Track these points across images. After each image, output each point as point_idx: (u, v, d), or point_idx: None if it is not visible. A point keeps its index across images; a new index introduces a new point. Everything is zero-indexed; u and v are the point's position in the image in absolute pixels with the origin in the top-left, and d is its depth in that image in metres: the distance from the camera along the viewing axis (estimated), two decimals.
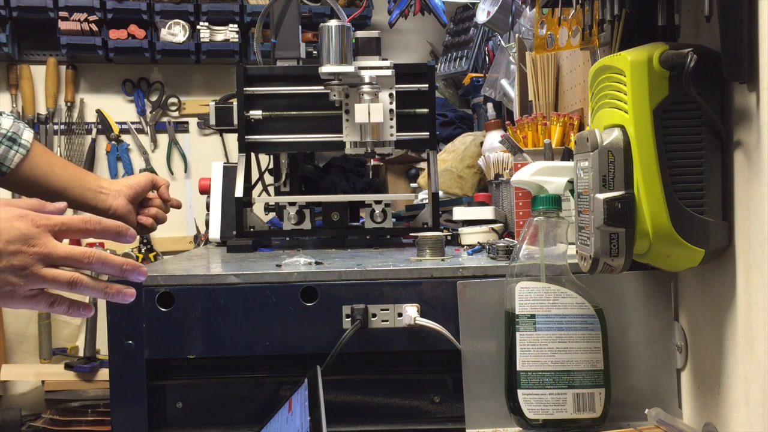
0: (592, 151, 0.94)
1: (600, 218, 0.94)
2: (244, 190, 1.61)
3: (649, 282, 1.14)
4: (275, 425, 1.07)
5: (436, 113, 1.69)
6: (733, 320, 0.95)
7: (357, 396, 1.17)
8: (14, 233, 0.87)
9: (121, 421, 1.14)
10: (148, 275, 1.15)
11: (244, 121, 1.64)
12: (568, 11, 1.32)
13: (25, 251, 0.87)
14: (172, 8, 3.33)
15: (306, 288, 1.15)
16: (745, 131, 0.90)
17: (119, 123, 3.53)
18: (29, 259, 0.87)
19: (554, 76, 1.87)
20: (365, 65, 1.56)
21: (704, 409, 1.06)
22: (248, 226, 1.62)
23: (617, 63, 0.95)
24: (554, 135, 1.59)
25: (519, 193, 1.39)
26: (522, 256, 1.08)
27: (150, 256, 3.43)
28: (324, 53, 1.50)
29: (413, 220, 1.66)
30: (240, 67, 1.65)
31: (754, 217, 0.89)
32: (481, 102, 2.47)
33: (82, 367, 3.13)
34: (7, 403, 3.31)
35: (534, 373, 1.06)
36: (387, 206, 1.63)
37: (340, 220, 1.63)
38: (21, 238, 0.87)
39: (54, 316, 3.35)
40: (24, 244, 0.87)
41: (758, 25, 0.84)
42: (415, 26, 3.14)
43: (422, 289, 1.15)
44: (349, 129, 1.60)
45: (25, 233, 0.87)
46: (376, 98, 1.55)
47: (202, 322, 1.14)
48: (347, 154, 1.64)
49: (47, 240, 0.88)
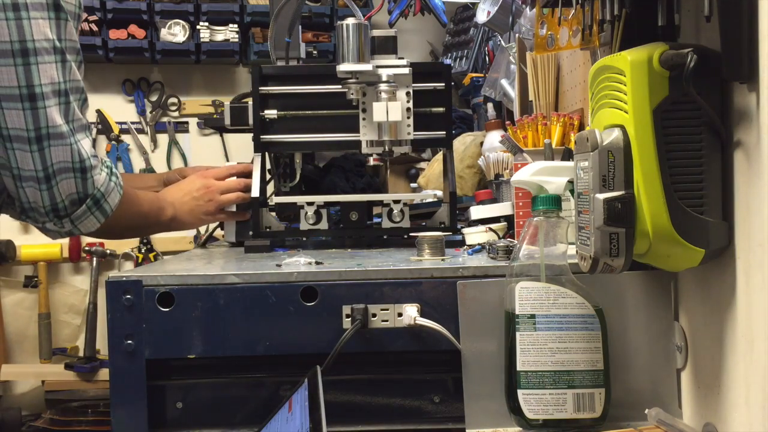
0: (592, 151, 0.94)
1: (600, 218, 0.94)
2: (260, 190, 1.62)
3: (649, 282, 1.14)
4: (275, 425, 1.07)
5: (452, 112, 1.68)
6: (733, 320, 0.95)
7: (357, 396, 1.18)
8: (198, 184, 1.66)
9: (121, 421, 1.14)
10: (148, 275, 1.16)
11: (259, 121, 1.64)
12: (568, 11, 1.32)
13: (206, 189, 1.65)
14: (172, 8, 3.33)
15: (306, 288, 1.15)
16: (745, 131, 0.90)
17: (119, 123, 3.53)
18: (210, 193, 1.65)
19: (554, 76, 1.87)
20: (382, 64, 1.55)
21: (704, 409, 1.06)
22: (264, 226, 1.62)
23: (617, 63, 0.95)
24: (554, 135, 1.60)
25: (519, 193, 1.39)
26: (522, 256, 1.08)
27: (150, 256, 3.44)
28: (341, 52, 1.50)
29: (430, 220, 1.66)
30: (255, 67, 1.65)
31: (754, 217, 0.89)
32: (481, 102, 2.48)
33: (82, 367, 3.13)
34: (7, 403, 3.31)
35: (534, 373, 1.06)
36: (405, 206, 1.62)
37: (358, 220, 1.63)
38: (204, 185, 1.65)
39: (54, 316, 3.35)
40: (204, 187, 1.65)
41: (758, 25, 0.84)
42: (415, 26, 3.13)
43: (422, 289, 1.15)
44: (367, 128, 1.60)
45: (204, 182, 1.66)
46: (393, 97, 1.54)
47: (202, 322, 1.14)
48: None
49: (212, 181, 1.66)
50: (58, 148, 1.26)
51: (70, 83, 1.28)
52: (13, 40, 1.21)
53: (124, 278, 1.15)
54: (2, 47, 1.21)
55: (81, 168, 1.29)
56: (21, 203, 1.31)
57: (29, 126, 1.23)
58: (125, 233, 1.60)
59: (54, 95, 1.25)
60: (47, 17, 1.24)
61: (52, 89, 1.25)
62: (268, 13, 2.52)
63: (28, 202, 1.30)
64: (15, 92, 1.22)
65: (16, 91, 1.22)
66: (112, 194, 1.34)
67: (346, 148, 1.82)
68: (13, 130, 1.24)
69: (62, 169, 1.28)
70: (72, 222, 1.33)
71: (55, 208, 1.30)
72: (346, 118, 1.63)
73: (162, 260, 3.00)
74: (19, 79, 1.22)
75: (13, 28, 1.21)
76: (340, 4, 3.43)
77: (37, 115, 1.23)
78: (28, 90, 1.22)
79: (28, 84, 1.22)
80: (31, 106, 1.23)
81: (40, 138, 1.25)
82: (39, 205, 1.29)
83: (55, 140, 1.25)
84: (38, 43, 1.22)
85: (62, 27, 1.26)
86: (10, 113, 1.23)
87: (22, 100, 1.23)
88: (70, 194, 1.29)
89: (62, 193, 1.29)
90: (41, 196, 1.28)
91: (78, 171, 1.29)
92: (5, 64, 1.21)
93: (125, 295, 1.14)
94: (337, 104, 1.62)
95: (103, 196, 1.33)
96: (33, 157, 1.25)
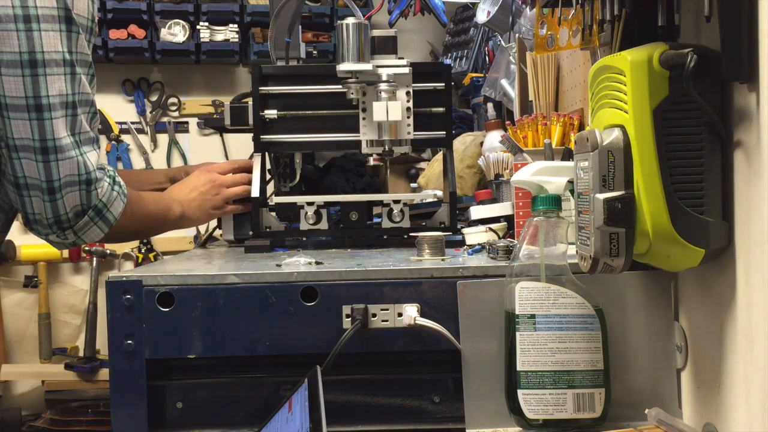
0: (592, 151, 0.94)
1: (600, 218, 0.94)
2: (260, 190, 1.61)
3: (649, 282, 1.14)
4: (275, 425, 1.07)
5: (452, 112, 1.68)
6: (733, 320, 0.95)
7: (357, 396, 1.17)
8: (204, 179, 1.67)
9: (121, 421, 1.14)
10: (148, 275, 1.16)
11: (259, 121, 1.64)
12: (568, 11, 1.32)
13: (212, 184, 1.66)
14: (172, 8, 3.33)
15: (306, 288, 1.15)
16: (745, 131, 0.90)
17: (119, 123, 3.53)
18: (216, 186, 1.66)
19: (554, 76, 1.87)
20: (382, 63, 1.55)
21: (704, 409, 1.06)
22: (264, 226, 1.62)
23: (617, 63, 0.95)
24: (554, 135, 1.60)
25: (519, 193, 1.39)
26: (522, 256, 1.08)
27: (150, 256, 3.44)
28: (341, 52, 1.50)
29: (430, 220, 1.66)
30: (255, 67, 1.65)
31: (754, 217, 0.89)
32: (481, 102, 2.48)
33: (82, 367, 3.13)
34: (7, 403, 3.31)
35: (534, 373, 1.06)
36: (405, 206, 1.62)
37: (358, 220, 1.63)
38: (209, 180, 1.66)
39: (54, 316, 3.35)
40: (210, 182, 1.66)
41: (758, 25, 0.84)
42: (415, 26, 3.13)
43: (422, 289, 1.15)
44: (367, 128, 1.60)
45: (209, 177, 1.67)
46: (393, 96, 1.54)
47: (202, 322, 1.14)
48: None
49: (217, 175, 1.68)
50: (65, 162, 1.26)
51: (79, 96, 1.28)
52: (23, 51, 1.21)
53: (124, 278, 1.15)
54: (11, 57, 1.21)
55: (86, 180, 1.29)
56: (26, 214, 1.31)
57: (35, 136, 1.24)
58: (134, 236, 1.61)
59: (61, 107, 1.25)
60: (58, 29, 1.24)
61: (60, 101, 1.25)
62: (268, 13, 2.52)
63: (33, 213, 1.30)
64: (22, 102, 1.23)
65: (23, 101, 1.22)
66: (114, 203, 1.34)
67: (346, 148, 1.82)
68: (19, 140, 1.24)
69: (69, 182, 1.28)
70: (75, 233, 1.33)
71: (59, 220, 1.30)
72: (346, 118, 1.63)
73: (162, 260, 3.00)
74: (26, 90, 1.22)
75: (23, 39, 1.21)
76: (340, 4, 3.43)
77: (42, 126, 1.24)
78: (35, 101, 1.23)
79: (35, 95, 1.23)
80: (38, 116, 1.23)
81: (46, 150, 1.25)
82: (42, 217, 1.29)
83: (61, 153, 1.26)
84: (47, 54, 1.23)
85: (73, 40, 1.26)
86: (16, 123, 1.23)
87: (29, 111, 1.23)
88: (74, 206, 1.30)
89: (67, 205, 1.29)
90: (45, 207, 1.28)
91: (83, 183, 1.29)
92: (14, 74, 1.21)
93: (125, 295, 1.14)
94: (337, 104, 1.62)
95: (105, 206, 1.33)
96: (38, 167, 1.25)
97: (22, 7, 1.21)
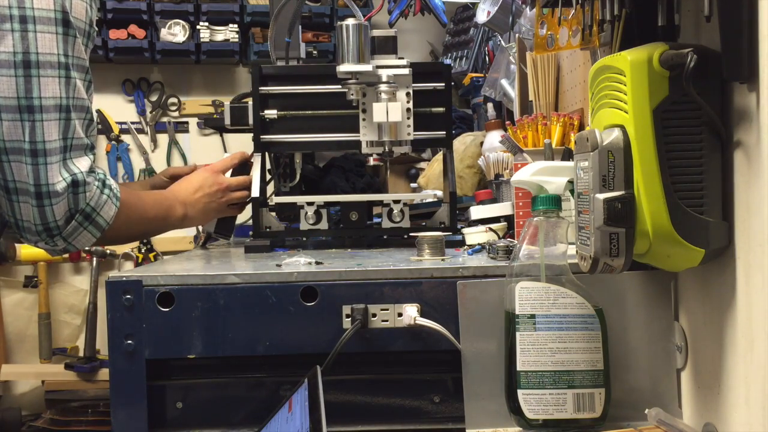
0: (592, 151, 0.94)
1: (600, 218, 0.94)
2: (260, 190, 1.61)
3: (649, 282, 1.14)
4: (275, 425, 1.07)
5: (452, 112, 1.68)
6: (733, 320, 0.95)
7: (357, 396, 1.18)
8: (210, 180, 1.64)
9: (121, 421, 1.14)
10: (148, 275, 1.16)
11: (259, 121, 1.64)
12: (568, 11, 1.32)
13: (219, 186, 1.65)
14: (172, 8, 3.33)
15: (306, 288, 1.15)
16: (745, 131, 0.90)
17: (119, 123, 3.53)
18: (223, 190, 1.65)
19: (554, 76, 1.87)
20: (382, 64, 1.55)
21: (704, 409, 1.06)
22: (264, 226, 1.62)
23: (617, 63, 0.95)
24: (554, 135, 1.59)
25: (519, 193, 1.39)
26: (522, 256, 1.08)
27: (150, 256, 3.44)
28: (341, 52, 1.50)
29: (430, 220, 1.66)
30: (255, 67, 1.65)
31: (754, 217, 0.89)
32: (481, 102, 2.48)
33: (82, 367, 3.13)
34: (7, 403, 3.31)
35: (534, 373, 1.06)
36: (405, 206, 1.62)
37: (358, 220, 1.63)
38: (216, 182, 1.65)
39: (54, 316, 3.35)
40: (217, 183, 1.64)
41: (758, 25, 0.84)
42: (415, 26, 3.13)
43: (422, 289, 1.15)
44: (367, 128, 1.60)
45: (216, 178, 1.65)
46: (393, 97, 1.54)
47: (202, 322, 1.14)
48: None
49: (224, 177, 1.67)
50: (53, 166, 1.24)
51: (74, 100, 1.27)
52: (17, 51, 1.21)
53: (124, 278, 1.15)
54: (5, 57, 1.20)
55: (72, 182, 1.27)
56: (15, 221, 1.29)
57: (26, 138, 1.22)
58: (135, 238, 1.60)
59: (55, 110, 1.24)
60: (55, 32, 1.23)
61: (54, 104, 1.24)
62: (268, 13, 2.52)
63: (21, 219, 1.28)
64: (14, 103, 1.22)
65: (15, 102, 1.22)
66: (105, 207, 1.31)
67: (346, 148, 1.82)
68: (10, 141, 1.23)
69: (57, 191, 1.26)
70: (65, 239, 1.30)
71: (48, 227, 1.27)
72: (346, 118, 1.63)
73: (162, 260, 3.00)
74: (18, 90, 1.22)
75: (18, 39, 1.21)
76: (340, 4, 3.43)
77: (33, 128, 1.22)
78: (26, 101, 1.22)
79: (27, 95, 1.22)
80: (29, 118, 1.22)
81: (36, 152, 1.23)
82: (31, 224, 1.27)
83: (50, 157, 1.24)
84: (42, 56, 1.22)
85: (70, 43, 1.25)
86: (8, 125, 1.22)
87: (20, 112, 1.22)
88: (64, 213, 1.28)
89: (56, 213, 1.27)
90: (33, 213, 1.26)
91: (69, 185, 1.27)
92: (7, 74, 1.21)
93: (125, 295, 1.14)
94: (337, 104, 1.62)
95: (94, 210, 1.30)
96: (28, 170, 1.24)
97: (18, 7, 1.20)
